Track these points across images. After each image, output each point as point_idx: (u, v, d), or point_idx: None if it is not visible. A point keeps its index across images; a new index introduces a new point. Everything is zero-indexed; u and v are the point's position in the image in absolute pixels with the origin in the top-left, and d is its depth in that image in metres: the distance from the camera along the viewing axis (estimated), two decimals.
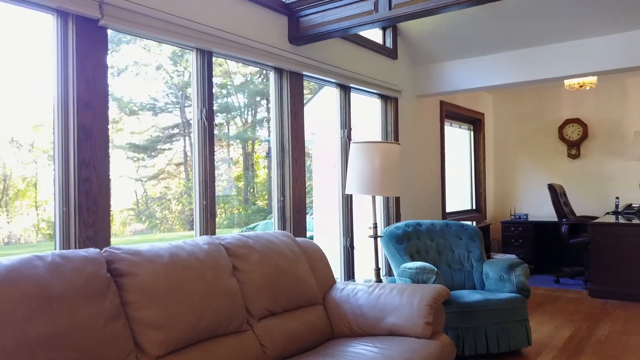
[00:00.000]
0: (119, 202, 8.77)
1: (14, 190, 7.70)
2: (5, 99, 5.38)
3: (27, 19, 2.69)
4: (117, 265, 1.98)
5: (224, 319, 2.20)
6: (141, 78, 8.75)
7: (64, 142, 2.39)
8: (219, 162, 9.94)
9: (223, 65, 7.62)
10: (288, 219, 3.65)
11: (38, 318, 1.62)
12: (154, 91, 8.87)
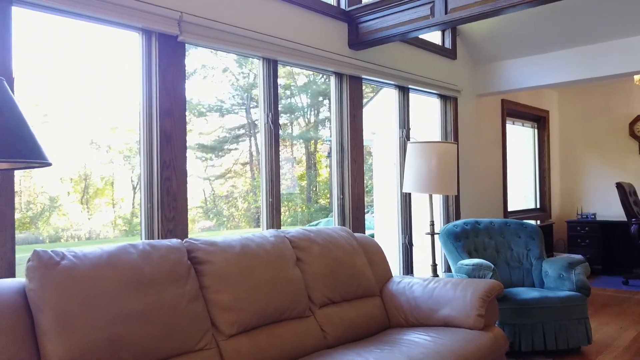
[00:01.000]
0: (189, 200, 9.32)
1: (94, 189, 8.36)
2: (86, 104, 5.93)
3: (114, 37, 3.04)
4: (196, 254, 2.26)
5: (288, 305, 2.44)
6: (208, 81, 9.26)
7: (148, 145, 2.72)
8: (283, 161, 10.32)
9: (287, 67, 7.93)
10: (347, 216, 3.85)
11: (133, 296, 1.92)
12: (221, 93, 9.35)
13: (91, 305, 1.80)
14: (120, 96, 5.85)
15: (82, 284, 1.82)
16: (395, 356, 2.29)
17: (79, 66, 4.96)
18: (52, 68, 2.95)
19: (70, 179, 8.04)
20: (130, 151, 8.53)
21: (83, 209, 8.65)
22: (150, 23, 2.62)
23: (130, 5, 2.52)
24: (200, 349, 2.08)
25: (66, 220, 8.06)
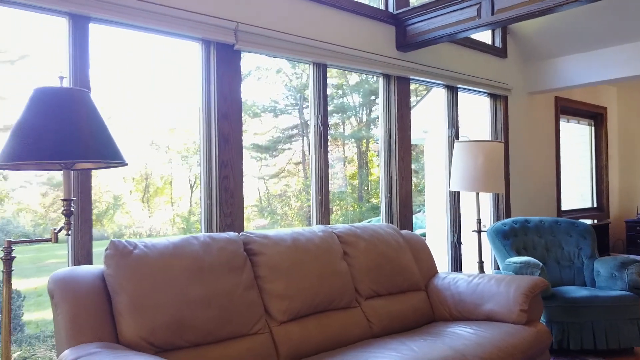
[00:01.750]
0: (244, 199, 9.67)
1: (154, 188, 8.85)
2: (146, 107, 6.34)
3: (175, 47, 3.31)
4: (251, 246, 2.47)
5: (336, 295, 2.61)
6: (262, 82, 9.54)
7: (207, 146, 2.96)
8: (334, 160, 10.46)
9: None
10: (395, 214, 3.98)
11: (195, 283, 2.14)
12: (275, 94, 9.61)
13: (159, 290, 2.04)
14: (178, 99, 6.24)
15: (152, 271, 2.06)
16: (437, 346, 2.42)
17: (140, 73, 5.36)
18: (115, 74, 3.23)
19: (132, 179, 8.56)
20: (187, 151, 8.98)
21: (144, 207, 9.17)
22: (209, 34, 2.86)
23: (192, 18, 2.76)
24: (255, 333, 2.29)
25: (129, 218, 8.59)
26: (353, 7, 3.66)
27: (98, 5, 2.44)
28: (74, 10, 2.41)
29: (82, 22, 2.48)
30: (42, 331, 3.82)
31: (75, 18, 2.46)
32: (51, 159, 1.53)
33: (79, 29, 2.47)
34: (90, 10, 2.44)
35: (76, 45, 2.47)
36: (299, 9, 3.34)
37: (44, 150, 1.53)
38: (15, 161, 1.52)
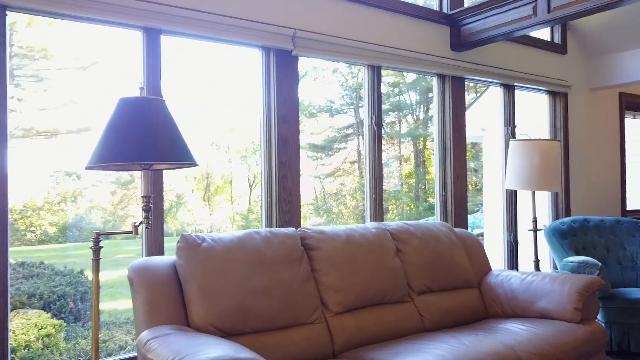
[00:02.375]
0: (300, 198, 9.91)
1: (215, 187, 9.25)
2: (207, 108, 6.68)
3: (235, 53, 3.53)
4: (308, 241, 2.65)
5: (388, 290, 2.74)
6: (319, 82, 9.75)
7: (268, 147, 3.17)
8: (390, 159, 10.52)
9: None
10: (450, 213, 4.06)
11: (257, 274, 2.34)
12: (331, 94, 9.79)
13: (225, 280, 2.25)
14: (238, 102, 6.54)
15: (218, 262, 2.27)
16: (488, 340, 2.51)
17: (201, 77, 5.69)
18: (178, 78, 3.47)
19: (194, 178, 9.00)
20: (246, 151, 9.31)
21: (205, 205, 9.60)
22: (269, 41, 3.06)
23: (253, 27, 2.98)
24: (312, 322, 2.46)
25: (191, 216, 9.03)
26: (407, 9, 3.77)
27: (169, 19, 2.69)
28: (148, 25, 2.68)
29: (154, 35, 2.74)
30: (117, 318, 4.18)
31: (148, 31, 2.72)
32: (134, 161, 1.76)
33: (151, 41, 2.73)
34: (161, 24, 2.70)
35: (149, 55, 2.74)
36: (353, 14, 3.49)
37: (128, 153, 1.76)
38: (104, 163, 1.77)
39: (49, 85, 6.02)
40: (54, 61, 6.04)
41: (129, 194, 8.49)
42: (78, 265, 4.59)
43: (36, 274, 4.17)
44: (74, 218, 7.71)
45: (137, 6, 2.60)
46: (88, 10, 2.48)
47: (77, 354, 3.40)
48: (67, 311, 3.86)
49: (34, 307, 3.67)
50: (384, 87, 9.81)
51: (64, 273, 4.29)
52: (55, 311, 3.71)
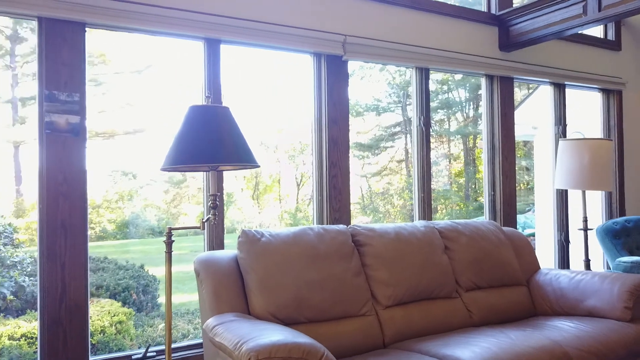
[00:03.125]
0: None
1: (263, 186, 9.54)
2: (256, 109, 6.95)
3: (284, 59, 3.74)
4: (359, 237, 2.82)
5: (436, 285, 2.88)
6: (366, 81, 9.87)
7: (319, 148, 3.36)
8: (439, 158, 10.52)
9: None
10: (498, 212, 4.14)
11: (311, 267, 2.53)
12: (378, 92, 9.90)
13: (282, 272, 2.46)
14: (286, 102, 6.79)
15: (276, 256, 2.48)
16: (535, 336, 2.61)
17: (251, 80, 5.96)
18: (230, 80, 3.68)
19: (244, 177, 9.33)
20: (294, 151, 9.56)
21: (254, 203, 9.92)
22: (320, 47, 3.26)
23: (305, 34, 3.18)
24: (363, 314, 2.64)
25: (240, 214, 9.37)
26: (454, 11, 3.88)
27: (229, 30, 2.93)
28: (209, 35, 2.92)
29: (215, 45, 2.98)
30: (178, 310, 4.48)
31: (209, 42, 2.96)
32: (203, 162, 1.99)
33: (212, 50, 2.97)
34: (221, 35, 2.93)
35: (210, 63, 2.98)
36: (401, 18, 3.64)
37: (198, 156, 1.99)
38: (177, 164, 2.00)
39: (107, 89, 6.44)
40: (112, 66, 6.45)
41: (181, 193, 8.89)
42: (138, 260, 4.92)
43: (102, 268, 4.53)
44: (130, 215, 8.17)
45: (200, 19, 2.84)
46: (156, 24, 2.74)
47: (145, 340, 3.71)
48: (131, 302, 4.19)
49: (102, 297, 4.02)
50: (433, 85, 9.84)
51: (126, 267, 4.63)
52: (121, 302, 4.04)
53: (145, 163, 7.75)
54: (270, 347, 1.78)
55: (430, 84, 3.84)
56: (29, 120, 5.78)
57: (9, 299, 3.77)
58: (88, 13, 2.59)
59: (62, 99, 2.56)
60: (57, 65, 2.57)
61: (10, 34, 5.47)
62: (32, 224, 4.93)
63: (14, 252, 4.04)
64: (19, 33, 5.46)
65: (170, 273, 2.21)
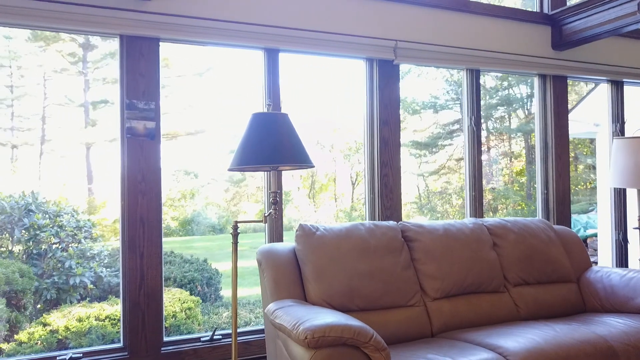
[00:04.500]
0: (403, 196, 10.15)
1: (319, 185, 9.84)
2: (313, 109, 7.26)
3: (339, 64, 4.02)
4: (408, 233, 3.05)
5: (484, 280, 3.07)
6: (422, 78, 9.97)
7: (370, 148, 3.61)
8: (499, 156, 10.46)
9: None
10: (551, 210, 4.24)
11: (362, 260, 2.79)
12: (435, 89, 9.97)
13: (335, 263, 2.72)
14: (341, 102, 7.07)
15: (330, 248, 2.75)
16: (581, 329, 2.75)
17: (306, 82, 6.27)
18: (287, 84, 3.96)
19: (300, 176, 9.68)
20: (349, 150, 9.81)
21: (310, 202, 10.27)
22: (373, 53, 3.50)
23: (359, 42, 3.43)
24: (411, 305, 2.86)
25: (297, 212, 9.74)
26: (505, 13, 4.02)
27: (287, 40, 3.23)
28: (268, 46, 3.23)
29: (274, 54, 3.29)
30: (240, 300, 4.85)
31: (269, 51, 3.27)
32: (265, 163, 2.28)
33: (271, 59, 3.28)
34: (280, 45, 3.24)
35: (270, 71, 3.29)
36: (451, 22, 3.82)
37: (261, 157, 2.29)
38: (243, 165, 2.30)
39: (170, 91, 6.93)
40: (174, 69, 6.93)
41: (241, 192, 9.34)
42: (201, 255, 5.33)
43: (169, 261, 4.96)
44: (192, 213, 8.69)
45: (261, 31, 3.16)
46: (221, 37, 3.08)
47: (211, 325, 4.10)
48: (196, 293, 4.59)
49: (171, 287, 4.44)
50: (492, 81, 9.83)
51: (191, 261, 5.04)
52: (188, 292, 4.45)
53: (206, 163, 8.24)
54: (325, 327, 2.05)
55: (490, 80, 4.00)
56: (99, 123, 6.32)
57: (89, 288, 4.24)
58: (162, 30, 2.95)
59: (140, 107, 2.94)
60: (136, 77, 2.95)
61: (82, 42, 6.01)
62: (103, 220, 5.43)
63: (93, 245, 4.52)
64: (90, 41, 6.00)
65: (236, 261, 2.52)
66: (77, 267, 4.17)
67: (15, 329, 3.61)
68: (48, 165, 5.74)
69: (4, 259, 3.97)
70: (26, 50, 5.47)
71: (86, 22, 2.79)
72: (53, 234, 4.23)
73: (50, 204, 4.42)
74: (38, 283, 3.97)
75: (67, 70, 6.10)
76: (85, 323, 3.62)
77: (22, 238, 4.15)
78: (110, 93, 6.19)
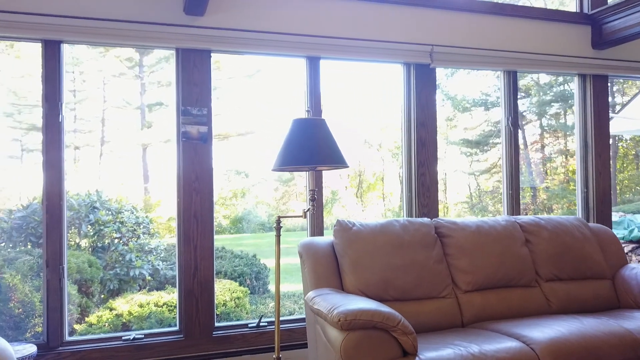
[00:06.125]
0: (453, 196, 10.16)
1: (367, 184, 10.06)
2: (360, 108, 7.53)
3: (380, 68, 4.27)
4: (441, 229, 3.29)
5: (515, 274, 3.26)
6: (473, 75, 10.02)
7: (408, 149, 3.86)
8: (554, 154, 10.37)
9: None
10: (591, 209, 4.35)
11: (396, 254, 3.05)
12: (486, 86, 9.99)
13: (371, 257, 3.00)
14: (388, 100, 7.33)
15: (365, 242, 3.03)
16: (608, 323, 2.91)
17: (352, 86, 6.58)
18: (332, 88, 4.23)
19: (348, 175, 9.97)
20: (397, 149, 10.02)
21: (358, 201, 10.54)
22: (410, 58, 3.75)
23: (396, 47, 3.69)
24: (443, 296, 3.10)
25: (344, 211, 10.03)
26: (542, 14, 4.17)
27: (328, 48, 3.53)
28: (310, 54, 3.54)
29: (315, 61, 3.59)
30: (285, 293, 5.20)
31: (311, 59, 3.58)
32: (305, 164, 2.59)
33: (313, 66, 3.59)
34: (321, 53, 3.54)
35: (311, 77, 3.60)
36: (487, 25, 4.02)
37: (300, 159, 2.59)
38: (284, 166, 2.62)
39: (221, 93, 7.36)
40: (225, 71, 7.35)
41: (290, 191, 9.71)
42: (250, 251, 5.70)
43: (220, 256, 5.35)
44: (243, 212, 9.12)
45: (303, 40, 3.47)
46: (267, 48, 3.41)
47: (258, 314, 4.45)
48: (245, 286, 4.96)
49: (222, 279, 4.84)
50: (546, 77, 9.76)
51: (240, 256, 5.42)
52: (238, 284, 4.84)
53: (256, 163, 8.65)
54: (356, 311, 2.33)
55: (544, 76, 4.16)
56: (155, 125, 6.80)
57: (147, 279, 4.68)
58: (212, 42, 3.31)
59: (194, 113, 3.31)
60: (190, 86, 3.32)
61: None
62: (158, 218, 5.89)
63: (150, 241, 4.97)
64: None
65: (279, 251, 2.84)
66: (137, 260, 4.62)
67: (86, 312, 4.08)
68: (107, 165, 6.21)
69: (74, 251, 4.46)
70: (87, 57, 5.95)
71: (147, 37, 3.18)
72: (115, 229, 4.69)
73: (112, 202, 4.89)
74: (102, 274, 4.44)
75: (125, 75, 6.59)
76: (145, 308, 4.05)
77: (88, 233, 4.63)
78: (164, 95, 6.66)
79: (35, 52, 3.18)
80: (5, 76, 5.23)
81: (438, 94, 3.86)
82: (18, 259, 3.87)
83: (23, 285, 3.65)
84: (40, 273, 3.67)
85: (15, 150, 5.50)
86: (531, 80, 9.77)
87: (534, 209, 9.35)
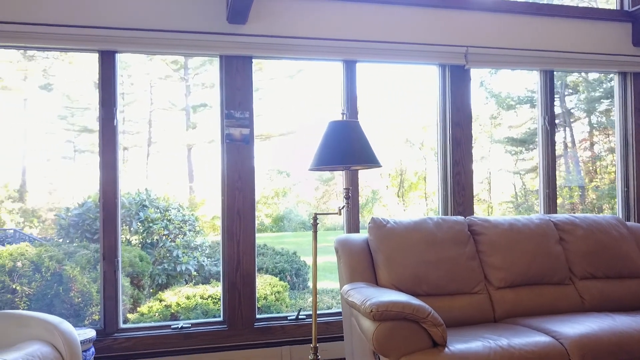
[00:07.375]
0: (498, 195, 10.12)
1: (408, 183, 10.13)
2: (401, 106, 7.66)
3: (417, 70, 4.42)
4: (474, 227, 3.43)
5: (548, 272, 3.36)
6: (518, 72, 9.98)
7: (443, 148, 4.00)
8: (603, 152, 10.19)
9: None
10: (632, 208, 4.38)
11: (429, 250, 3.21)
12: (532, 83, 9.91)
13: (404, 253, 3.17)
14: (427, 101, 7.45)
15: (399, 239, 3.20)
16: None
17: (391, 88, 6.73)
18: (371, 89, 4.41)
19: (389, 175, 10.11)
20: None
21: (399, 201, 10.67)
22: (445, 59, 3.90)
23: (432, 50, 3.84)
24: (475, 292, 3.24)
25: (385, 211, 10.17)
26: (580, 12, 4.23)
27: (364, 52, 3.72)
28: (347, 58, 3.73)
29: (352, 65, 3.79)
30: (324, 289, 5.42)
31: (347, 63, 3.78)
32: (339, 164, 2.79)
33: (349, 69, 3.79)
34: (357, 56, 3.73)
35: (348, 80, 3.79)
36: (522, 25, 4.11)
37: (335, 159, 2.80)
38: (321, 165, 2.83)
39: (263, 94, 7.62)
40: (266, 72, 7.61)
41: (330, 190, 9.91)
42: (291, 249, 5.93)
43: (262, 253, 5.61)
44: (284, 210, 9.39)
45: (340, 45, 3.67)
46: (306, 53, 3.63)
47: (297, 308, 4.69)
48: (285, 282, 5.21)
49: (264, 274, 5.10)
50: (594, 74, 9.60)
51: (281, 253, 5.66)
52: (278, 279, 5.08)
53: (297, 162, 8.89)
54: (388, 303, 2.51)
55: (592, 73, 4.21)
56: (199, 125, 7.12)
57: (193, 275, 4.98)
58: (254, 49, 3.55)
59: (237, 116, 3.56)
60: (233, 91, 3.57)
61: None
62: (202, 216, 6.18)
63: (196, 238, 5.28)
64: None
65: (316, 246, 3.05)
66: (183, 256, 4.92)
67: (137, 303, 4.42)
68: (154, 165, 6.54)
69: (126, 246, 4.80)
70: (135, 60, 6.28)
71: (193, 46, 3.45)
72: (163, 226, 5.01)
73: (160, 200, 5.22)
74: (152, 268, 4.77)
75: (170, 77, 6.92)
76: (192, 300, 4.35)
77: (139, 229, 4.97)
78: (208, 97, 6.96)
79: (86, 58, 3.49)
80: (60, 81, 5.59)
81: (481, 92, 3.99)
82: (77, 252, 4.23)
83: (82, 276, 4.00)
84: (96, 266, 4.01)
85: (68, 151, 5.85)
86: (579, 76, 9.66)
87: (582, 209, 9.25)
